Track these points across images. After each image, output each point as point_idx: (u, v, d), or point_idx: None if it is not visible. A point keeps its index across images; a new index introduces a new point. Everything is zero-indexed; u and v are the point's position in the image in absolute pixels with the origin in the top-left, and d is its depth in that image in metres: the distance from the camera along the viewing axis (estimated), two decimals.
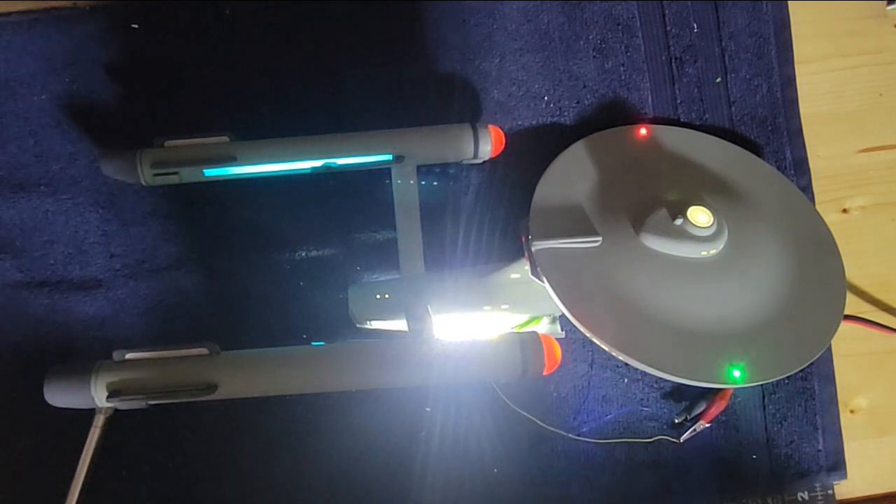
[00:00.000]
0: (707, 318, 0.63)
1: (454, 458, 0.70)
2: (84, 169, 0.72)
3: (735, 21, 0.79)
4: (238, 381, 0.60)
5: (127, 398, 0.58)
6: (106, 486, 0.68)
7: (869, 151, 0.80)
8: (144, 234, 0.72)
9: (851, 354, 0.76)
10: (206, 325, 0.71)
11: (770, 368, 0.63)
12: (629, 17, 0.78)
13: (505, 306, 0.69)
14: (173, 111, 0.74)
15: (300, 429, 0.70)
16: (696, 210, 0.65)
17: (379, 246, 0.73)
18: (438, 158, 0.72)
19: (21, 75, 0.73)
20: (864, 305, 0.78)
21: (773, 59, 0.79)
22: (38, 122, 0.73)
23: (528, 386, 0.71)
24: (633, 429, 0.72)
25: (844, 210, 0.79)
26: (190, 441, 0.70)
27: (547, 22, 0.77)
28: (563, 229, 0.66)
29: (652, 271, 0.64)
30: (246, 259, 0.72)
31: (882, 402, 0.76)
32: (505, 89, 0.77)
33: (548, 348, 0.61)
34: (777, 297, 0.66)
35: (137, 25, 0.74)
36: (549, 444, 0.72)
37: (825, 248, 0.71)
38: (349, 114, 0.75)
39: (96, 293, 0.71)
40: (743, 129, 0.78)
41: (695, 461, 0.72)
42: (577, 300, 0.63)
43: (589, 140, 0.74)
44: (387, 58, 0.76)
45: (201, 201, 0.72)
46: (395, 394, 0.70)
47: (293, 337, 0.71)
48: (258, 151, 0.68)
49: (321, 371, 0.61)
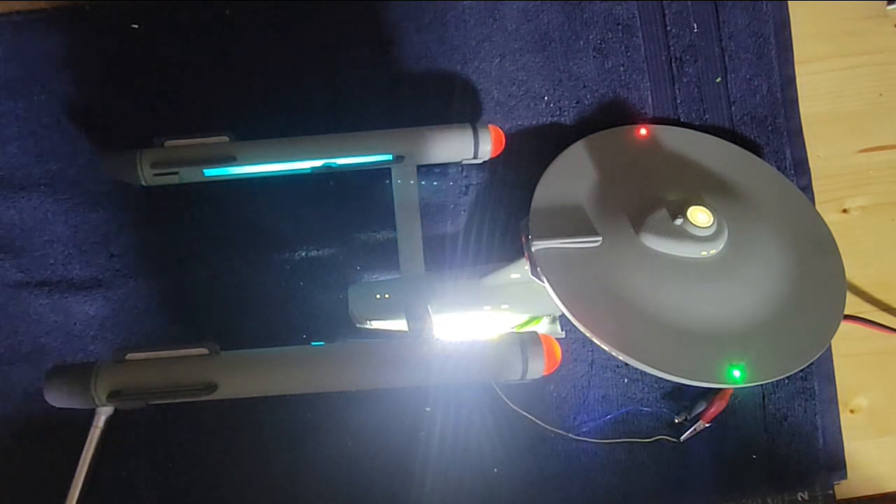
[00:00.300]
0: (707, 318, 0.63)
1: (454, 458, 0.70)
2: (84, 169, 0.72)
3: (735, 21, 0.79)
4: (238, 381, 0.60)
5: (127, 398, 0.58)
6: (106, 486, 0.68)
7: (869, 151, 0.80)
8: (144, 234, 0.72)
9: (851, 354, 0.76)
10: (206, 325, 0.71)
11: (770, 368, 0.63)
12: (629, 17, 0.78)
13: (505, 306, 0.69)
14: (173, 111, 0.74)
15: (300, 429, 0.70)
16: (696, 210, 0.65)
17: (379, 246, 0.73)
18: (438, 158, 0.71)
19: (21, 75, 0.73)
20: (864, 305, 0.78)
21: (773, 59, 0.79)
22: (38, 122, 0.73)
23: (528, 386, 0.71)
24: (633, 429, 0.72)
25: (844, 210, 0.79)
26: (190, 441, 0.70)
27: (547, 22, 0.77)
28: (563, 229, 0.66)
29: (652, 271, 0.64)
30: (246, 259, 0.72)
31: (882, 402, 0.76)
32: (505, 89, 0.77)
33: (548, 348, 0.61)
34: (777, 297, 0.66)
35: (137, 25, 0.74)
36: (549, 444, 0.72)
37: (825, 248, 0.71)
38: (349, 114, 0.75)
39: (96, 293, 0.71)
40: (743, 129, 0.78)
41: (695, 461, 0.72)
42: (577, 300, 0.63)
43: (589, 140, 0.74)
44: (387, 58, 0.76)
45: (201, 201, 0.72)
46: (395, 394, 0.70)
47: (293, 337, 0.71)
48: (258, 151, 0.68)
49: (321, 371, 0.61)
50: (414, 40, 0.76)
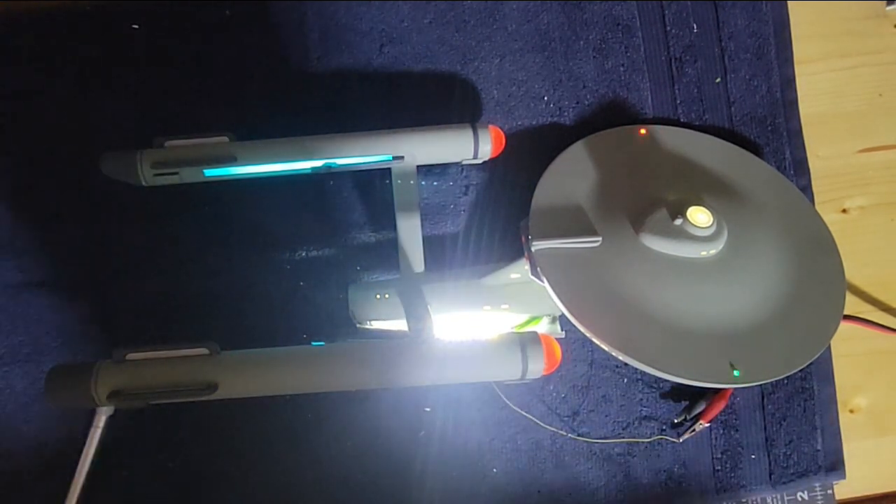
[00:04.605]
0: (707, 317, 0.63)
1: (454, 458, 0.70)
2: (84, 169, 0.72)
3: (735, 21, 0.79)
4: (238, 381, 0.60)
5: (127, 398, 0.58)
6: (106, 486, 0.68)
7: (868, 151, 0.80)
8: (145, 234, 0.72)
9: (851, 354, 0.76)
10: (206, 325, 0.71)
11: (770, 368, 0.63)
12: (629, 17, 0.78)
13: (505, 306, 0.69)
14: (173, 111, 0.74)
15: (300, 429, 0.70)
16: (696, 210, 0.65)
17: (379, 246, 0.73)
18: (438, 158, 0.72)
19: (21, 75, 0.73)
20: (864, 305, 0.78)
21: (773, 59, 0.79)
22: (39, 122, 0.73)
23: (528, 386, 0.71)
24: (632, 429, 0.72)
25: (844, 210, 0.79)
26: (190, 441, 0.70)
27: (547, 22, 0.77)
28: (563, 229, 0.66)
29: (652, 271, 0.64)
30: (246, 259, 0.72)
31: (881, 402, 0.77)
32: (505, 89, 0.77)
33: (548, 348, 0.61)
34: (777, 296, 0.66)
35: (137, 25, 0.74)
36: (549, 444, 0.72)
37: (825, 248, 0.71)
38: (349, 114, 0.75)
39: (96, 293, 0.71)
40: (743, 129, 0.78)
41: (694, 461, 0.73)
42: (577, 300, 0.63)
43: (589, 140, 0.74)
44: (387, 58, 0.76)
45: (201, 201, 0.72)
46: (395, 394, 0.70)
47: (293, 337, 0.71)
48: (258, 151, 0.68)
49: (321, 371, 0.61)
50: (414, 40, 0.76)
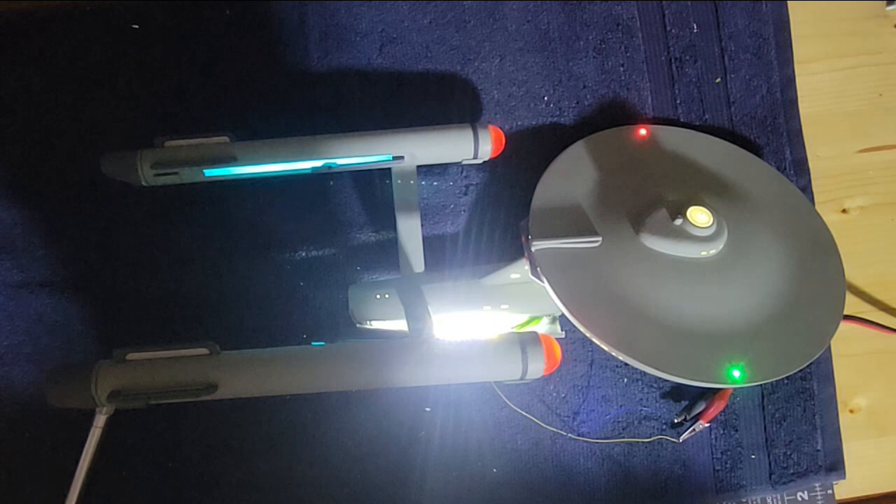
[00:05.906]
0: (707, 318, 0.63)
1: (454, 458, 0.70)
2: (84, 169, 0.72)
3: (735, 21, 0.79)
4: (238, 381, 0.60)
5: (127, 398, 0.58)
6: (106, 486, 0.68)
7: (869, 151, 0.80)
8: (145, 234, 0.72)
9: (851, 354, 0.76)
10: (206, 325, 0.71)
11: (770, 368, 0.63)
12: (629, 17, 0.78)
13: (505, 306, 0.69)
14: (173, 111, 0.74)
15: (300, 429, 0.70)
16: (696, 210, 0.65)
17: (379, 246, 0.73)
18: (438, 158, 0.72)
19: (21, 76, 0.73)
20: (864, 305, 0.78)
21: (773, 59, 0.79)
22: (39, 122, 0.73)
23: (528, 386, 0.71)
24: (632, 429, 0.72)
25: (844, 210, 0.79)
26: (190, 441, 0.70)
27: (547, 22, 0.77)
28: (563, 229, 0.66)
29: (652, 271, 0.64)
30: (246, 259, 0.72)
31: (881, 402, 0.77)
32: (505, 89, 0.77)
33: (548, 348, 0.62)
34: (776, 297, 0.66)
35: (137, 25, 0.74)
36: (549, 444, 0.72)
37: (825, 248, 0.71)
38: (349, 114, 0.75)
39: (96, 293, 0.71)
40: (742, 129, 0.78)
41: (694, 461, 0.72)
42: (577, 300, 0.63)
43: (589, 140, 0.74)
44: (387, 58, 0.76)
45: (201, 201, 0.72)
46: (395, 394, 0.70)
47: (293, 337, 0.71)
48: (258, 151, 0.68)
49: (321, 371, 0.61)
50: (414, 40, 0.76)
